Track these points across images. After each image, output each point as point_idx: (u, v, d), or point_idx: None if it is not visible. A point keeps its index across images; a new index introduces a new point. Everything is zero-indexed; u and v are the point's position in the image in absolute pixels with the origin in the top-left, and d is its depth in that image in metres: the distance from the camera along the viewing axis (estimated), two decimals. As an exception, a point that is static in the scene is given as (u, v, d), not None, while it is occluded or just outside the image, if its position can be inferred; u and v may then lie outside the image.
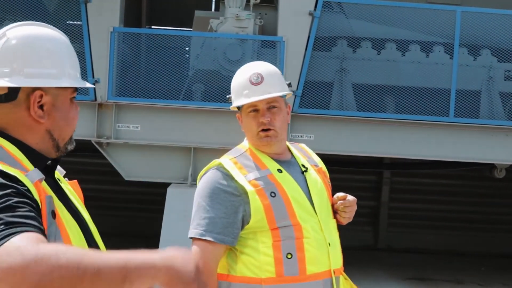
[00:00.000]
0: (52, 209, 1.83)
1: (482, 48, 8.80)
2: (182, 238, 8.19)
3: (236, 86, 3.00)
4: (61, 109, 2.00)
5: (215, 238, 2.82)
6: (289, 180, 2.91)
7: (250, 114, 2.96)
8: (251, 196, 2.83)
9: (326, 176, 3.13)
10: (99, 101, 8.21)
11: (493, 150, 8.64)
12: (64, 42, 2.04)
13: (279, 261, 2.81)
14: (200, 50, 8.37)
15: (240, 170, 2.89)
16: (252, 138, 2.98)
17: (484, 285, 9.75)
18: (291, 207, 2.85)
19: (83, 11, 8.22)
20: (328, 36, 8.55)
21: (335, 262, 2.90)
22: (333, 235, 2.95)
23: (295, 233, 2.83)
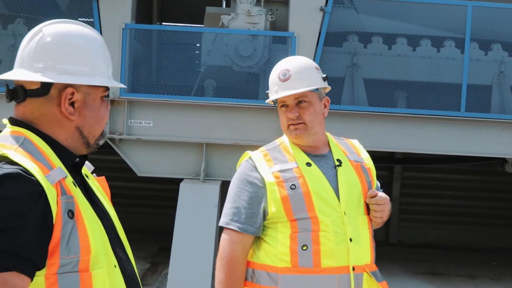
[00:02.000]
0: (69, 208, 1.87)
1: (493, 42, 8.79)
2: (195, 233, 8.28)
3: (270, 82, 3.11)
4: (91, 107, 2.05)
5: (239, 227, 2.95)
6: (315, 173, 2.95)
7: (281, 109, 3.07)
8: (269, 187, 2.92)
9: (369, 174, 3.12)
10: (111, 98, 8.24)
11: (504, 144, 8.63)
12: (98, 41, 2.10)
13: (294, 252, 2.87)
14: (212, 46, 8.39)
15: (267, 162, 2.99)
16: (284, 132, 3.09)
17: (496, 279, 9.75)
18: (310, 200, 2.89)
19: (95, 8, 8.25)
20: (339, 32, 8.56)
21: (356, 259, 2.90)
22: (359, 231, 2.95)
23: (312, 226, 2.88)
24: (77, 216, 1.90)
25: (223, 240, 2.98)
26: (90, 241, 1.91)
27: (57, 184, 1.87)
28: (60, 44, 2.00)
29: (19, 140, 1.93)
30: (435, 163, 10.84)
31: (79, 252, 1.87)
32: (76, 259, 1.86)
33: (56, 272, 1.82)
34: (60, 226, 1.84)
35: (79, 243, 1.88)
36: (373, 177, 3.15)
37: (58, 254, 1.83)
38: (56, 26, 2.04)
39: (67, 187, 1.91)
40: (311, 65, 3.10)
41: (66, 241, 1.84)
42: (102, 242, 1.98)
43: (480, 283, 9.54)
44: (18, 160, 1.82)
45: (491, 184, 11.92)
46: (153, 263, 9.58)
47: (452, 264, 10.53)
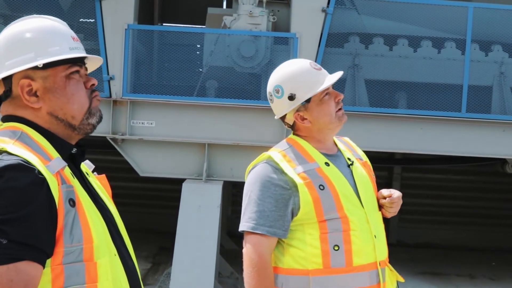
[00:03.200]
0: (70, 197, 1.90)
1: (493, 43, 8.82)
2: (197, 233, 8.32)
3: (303, 79, 2.97)
4: (55, 89, 2.04)
5: (268, 231, 2.85)
6: (336, 173, 2.94)
7: (325, 99, 2.99)
8: (300, 188, 2.85)
9: (370, 170, 3.16)
10: (114, 98, 8.27)
11: (505, 145, 8.66)
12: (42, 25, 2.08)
13: (326, 253, 2.84)
14: (214, 47, 8.42)
15: (289, 163, 2.92)
16: (331, 122, 3.00)
17: (496, 279, 9.79)
18: (339, 200, 2.87)
19: (98, 9, 8.26)
20: (341, 33, 8.59)
21: (380, 254, 2.93)
22: (378, 228, 2.98)
23: (342, 226, 2.86)
24: (78, 205, 1.92)
25: (250, 245, 2.87)
26: (91, 230, 1.93)
27: (57, 174, 1.89)
28: (5, 44, 2.03)
29: (16, 134, 1.96)
30: (435, 163, 10.88)
31: (82, 240, 1.89)
32: (80, 247, 1.88)
33: (61, 262, 1.84)
34: (63, 214, 1.86)
35: (82, 231, 1.90)
36: (373, 173, 3.18)
37: (62, 242, 1.85)
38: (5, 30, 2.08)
39: (66, 177, 1.94)
40: None
41: (69, 229, 1.87)
42: (102, 232, 2.00)
43: (479, 283, 9.59)
44: (18, 152, 1.85)
45: (492, 184, 11.96)
46: (154, 263, 9.61)
47: (452, 264, 10.58)
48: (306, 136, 3.05)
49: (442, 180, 12.00)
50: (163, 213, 11.11)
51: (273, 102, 3.09)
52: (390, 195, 3.03)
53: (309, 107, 2.98)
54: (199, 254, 7.80)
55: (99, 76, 8.06)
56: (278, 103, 3.05)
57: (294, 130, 3.12)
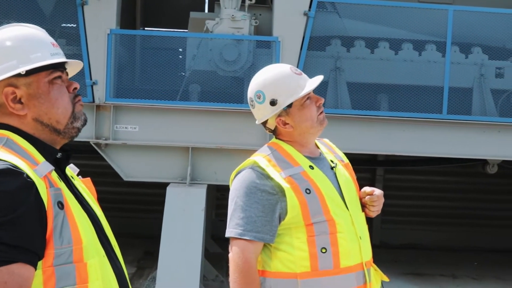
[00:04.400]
0: (58, 200, 1.92)
1: (473, 46, 8.92)
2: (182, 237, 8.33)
3: (284, 84, 2.98)
4: (38, 95, 2.06)
5: (255, 236, 2.86)
6: (321, 176, 2.96)
7: (306, 104, 3.00)
8: (288, 193, 2.87)
9: (352, 171, 3.19)
10: (97, 103, 8.28)
11: (485, 146, 8.74)
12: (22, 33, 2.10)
13: (314, 256, 2.86)
14: (197, 51, 8.45)
15: (274, 167, 2.93)
16: (312, 126, 3.02)
17: (478, 279, 9.87)
18: (325, 203, 2.90)
19: (80, 14, 8.25)
20: (323, 36, 8.65)
21: (366, 255, 2.98)
22: (363, 229, 3.02)
23: (329, 228, 2.89)
24: (66, 207, 1.94)
25: (237, 251, 2.87)
26: (80, 231, 1.96)
27: (45, 177, 1.91)
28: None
29: (2, 140, 1.98)
30: (417, 165, 10.95)
31: (71, 241, 1.91)
32: (70, 249, 1.90)
33: (52, 264, 1.87)
34: (52, 216, 1.88)
35: (71, 233, 1.92)
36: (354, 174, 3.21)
37: (52, 244, 1.87)
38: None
39: (54, 180, 1.96)
40: None
41: (59, 231, 1.89)
42: (90, 234, 2.03)
43: (462, 282, 9.66)
44: (5, 158, 1.88)
45: (473, 185, 12.04)
46: (139, 267, 9.61)
47: (434, 264, 10.65)
48: (289, 141, 3.06)
49: (424, 181, 12.08)
50: (148, 217, 11.10)
51: (254, 107, 3.08)
52: (371, 192, 3.06)
53: (291, 112, 2.99)
54: (184, 258, 7.81)
55: (82, 81, 8.06)
56: (260, 109, 3.05)
57: (276, 134, 3.12)
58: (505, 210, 12.39)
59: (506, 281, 9.82)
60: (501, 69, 8.97)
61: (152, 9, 12.06)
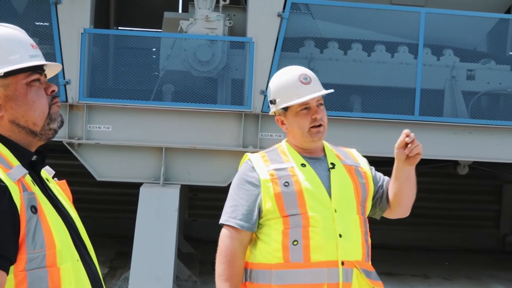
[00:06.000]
0: (32, 204, 1.90)
1: (445, 48, 9.01)
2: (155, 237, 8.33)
3: (284, 88, 3.13)
4: (16, 97, 2.03)
5: (236, 223, 3.07)
6: (309, 173, 3.06)
7: (301, 113, 3.10)
8: (263, 183, 3.05)
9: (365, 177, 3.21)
10: (70, 102, 8.24)
11: (456, 147, 8.84)
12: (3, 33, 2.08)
13: (286, 247, 2.98)
14: (170, 51, 8.45)
15: (265, 162, 3.12)
16: (302, 135, 3.11)
17: (450, 278, 9.97)
18: (302, 197, 3.00)
19: (53, 13, 8.20)
20: (296, 37, 8.69)
21: (345, 254, 2.98)
22: (350, 229, 3.03)
23: (303, 222, 2.98)
24: (40, 211, 1.92)
25: (222, 236, 3.11)
26: (54, 235, 1.94)
27: (18, 181, 1.90)
28: None
29: None
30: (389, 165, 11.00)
31: (44, 246, 1.90)
32: (43, 253, 1.89)
33: (24, 268, 1.85)
34: (25, 221, 1.87)
35: (44, 237, 1.90)
36: (369, 181, 3.22)
37: (24, 249, 1.86)
38: None
39: (27, 184, 1.94)
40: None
41: (31, 236, 1.87)
42: (65, 238, 2.01)
43: (434, 282, 9.75)
44: None
45: (444, 185, 12.16)
46: (111, 267, 9.58)
47: (406, 264, 10.73)
48: (291, 141, 3.20)
49: (396, 182, 12.15)
50: (120, 217, 11.07)
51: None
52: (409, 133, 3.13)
53: (287, 115, 3.14)
54: (157, 258, 7.81)
55: (55, 80, 8.02)
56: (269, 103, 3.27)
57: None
58: (475, 210, 12.54)
59: (478, 281, 9.93)
60: (472, 71, 9.07)
61: (126, 9, 12.03)
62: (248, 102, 8.38)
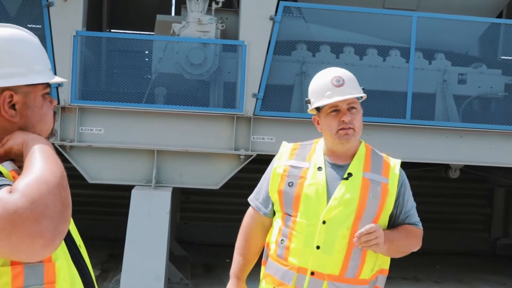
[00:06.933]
0: None
1: (436, 52, 9.04)
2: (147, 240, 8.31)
3: (317, 89, 3.20)
4: (33, 106, 2.03)
5: (254, 204, 3.38)
6: (319, 178, 3.12)
7: (331, 114, 3.15)
8: (272, 176, 3.26)
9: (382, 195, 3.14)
10: (62, 105, 8.23)
11: (448, 151, 8.87)
12: (28, 40, 2.07)
13: (277, 242, 3.20)
14: (163, 54, 8.46)
15: (291, 155, 3.27)
16: (331, 136, 3.16)
17: (441, 282, 10.00)
18: (298, 201, 3.10)
19: (46, 15, 8.20)
20: (289, 40, 8.71)
21: (318, 265, 3.04)
22: (334, 243, 3.04)
23: (291, 224, 3.11)
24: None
25: (247, 213, 3.42)
26: None
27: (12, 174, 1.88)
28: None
29: None
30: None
31: None
32: None
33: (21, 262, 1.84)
34: None
35: None
36: (386, 200, 3.15)
37: None
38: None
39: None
40: (354, 76, 3.28)
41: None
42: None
43: (425, 285, 9.78)
44: None
45: (435, 189, 12.19)
46: (103, 270, 9.57)
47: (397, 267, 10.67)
48: (325, 142, 3.26)
49: (387, 185, 12.18)
50: (112, 220, 11.07)
51: None
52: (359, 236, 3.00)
53: (320, 116, 3.21)
54: (149, 261, 7.81)
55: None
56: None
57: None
58: (466, 214, 12.58)
59: (468, 284, 9.96)
60: (464, 75, 9.11)
61: (119, 11, 12.03)
62: (240, 105, 8.40)
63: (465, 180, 11.18)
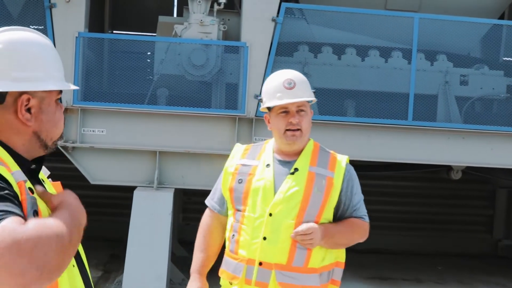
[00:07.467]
0: (34, 209, 1.89)
1: (438, 53, 9.04)
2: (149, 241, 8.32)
3: (269, 89, 3.37)
4: (47, 111, 2.05)
5: (210, 204, 3.59)
6: (267, 175, 3.29)
7: (281, 115, 3.31)
8: (224, 175, 3.46)
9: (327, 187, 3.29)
10: (64, 106, 8.22)
11: (449, 152, 8.86)
12: (48, 46, 2.10)
13: (229, 238, 3.40)
14: (165, 55, 8.46)
15: (242, 155, 3.46)
16: (279, 136, 3.33)
17: (442, 283, 10.00)
18: (247, 196, 3.27)
19: (48, 16, 8.21)
20: (291, 42, 8.71)
21: (265, 256, 3.21)
22: (279, 234, 3.21)
23: (241, 219, 3.33)
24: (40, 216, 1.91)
25: (204, 213, 3.62)
26: None
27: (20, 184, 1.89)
28: (13, 51, 1.99)
29: None
30: (382, 170, 11.06)
31: None
32: None
33: None
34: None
35: None
36: (330, 193, 3.30)
37: None
38: (6, 34, 2.03)
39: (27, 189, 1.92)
40: (306, 79, 3.42)
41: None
42: None
43: (426, 287, 9.78)
44: None
45: (437, 190, 12.19)
46: (105, 271, 9.58)
47: (399, 268, 10.76)
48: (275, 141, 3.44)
49: (389, 187, 12.20)
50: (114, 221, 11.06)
51: None
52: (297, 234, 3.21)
53: (271, 115, 3.37)
54: (151, 262, 7.82)
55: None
56: None
57: None
58: (468, 215, 12.58)
59: (469, 285, 9.96)
60: (466, 77, 9.10)
61: (121, 13, 12.03)
62: (242, 106, 8.41)
63: (467, 182, 11.17)
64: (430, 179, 11.82)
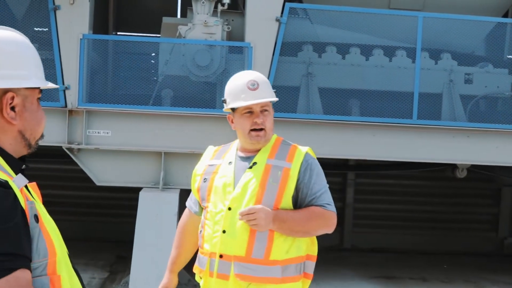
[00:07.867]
0: (34, 213, 1.91)
1: (443, 52, 9.04)
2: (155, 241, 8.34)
3: (233, 90, 3.44)
4: (30, 110, 2.05)
5: (188, 204, 3.74)
6: (229, 171, 3.42)
7: (245, 115, 3.41)
8: (193, 177, 3.59)
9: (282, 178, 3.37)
10: (69, 108, 8.25)
11: (454, 150, 8.86)
12: (26, 44, 2.10)
13: (198, 234, 3.53)
14: (169, 56, 8.48)
15: (213, 156, 3.59)
16: (244, 136, 3.43)
17: (448, 282, 9.99)
18: (210, 193, 3.41)
19: (52, 18, 8.23)
20: (295, 42, 8.71)
21: (225, 248, 3.32)
22: (237, 226, 3.31)
23: (206, 215, 3.46)
24: (40, 220, 1.93)
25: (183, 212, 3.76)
26: (54, 244, 1.95)
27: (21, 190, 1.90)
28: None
29: None
30: (388, 169, 11.06)
31: (47, 255, 1.91)
32: (45, 262, 1.90)
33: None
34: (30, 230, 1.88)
35: (46, 246, 1.91)
36: (287, 183, 3.36)
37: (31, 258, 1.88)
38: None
39: (26, 194, 1.94)
40: (267, 80, 3.52)
41: (35, 245, 1.88)
42: (63, 245, 2.04)
43: (432, 285, 9.77)
44: None
45: (442, 189, 12.18)
46: (112, 272, 9.59)
47: (405, 267, 10.75)
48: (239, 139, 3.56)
49: (394, 186, 12.19)
50: (120, 222, 11.08)
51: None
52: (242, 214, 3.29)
53: (235, 115, 3.47)
54: (157, 262, 7.82)
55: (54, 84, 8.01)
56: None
57: None
58: (474, 214, 12.56)
59: (475, 284, 9.95)
60: (470, 75, 9.10)
61: (125, 14, 12.05)
62: (246, 106, 8.40)
63: (472, 180, 11.16)
64: (435, 178, 11.82)
